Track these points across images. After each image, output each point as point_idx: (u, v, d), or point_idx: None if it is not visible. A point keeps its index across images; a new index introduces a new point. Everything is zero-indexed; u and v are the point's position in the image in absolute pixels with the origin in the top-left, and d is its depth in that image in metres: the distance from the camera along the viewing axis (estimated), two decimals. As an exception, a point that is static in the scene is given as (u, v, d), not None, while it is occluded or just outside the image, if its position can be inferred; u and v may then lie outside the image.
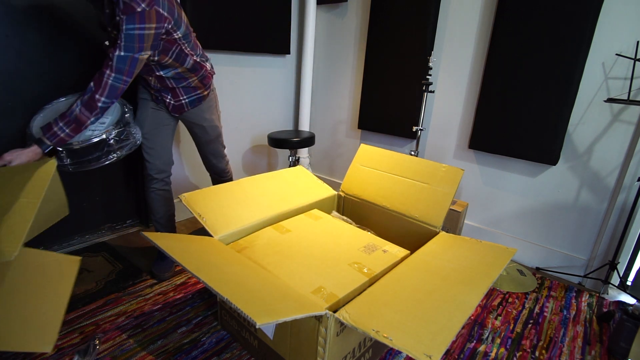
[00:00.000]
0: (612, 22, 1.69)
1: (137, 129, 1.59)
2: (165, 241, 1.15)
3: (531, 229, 2.08)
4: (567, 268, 1.99)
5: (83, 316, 1.46)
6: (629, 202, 1.76)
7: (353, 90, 2.68)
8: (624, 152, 1.75)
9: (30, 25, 1.62)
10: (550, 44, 1.78)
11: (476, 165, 2.21)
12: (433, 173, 1.60)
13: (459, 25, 2.12)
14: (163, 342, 1.36)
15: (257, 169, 2.85)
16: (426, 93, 2.04)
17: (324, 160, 3.02)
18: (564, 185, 1.93)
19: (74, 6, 1.72)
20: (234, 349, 1.36)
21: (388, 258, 1.34)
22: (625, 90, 1.69)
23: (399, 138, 2.51)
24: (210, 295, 1.63)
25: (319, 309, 0.99)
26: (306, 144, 2.27)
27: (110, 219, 2.12)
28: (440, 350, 0.84)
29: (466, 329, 1.53)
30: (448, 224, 2.02)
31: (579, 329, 1.59)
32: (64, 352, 1.28)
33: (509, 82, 1.94)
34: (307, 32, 2.64)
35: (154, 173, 1.70)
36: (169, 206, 1.80)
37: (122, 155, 1.51)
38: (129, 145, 1.53)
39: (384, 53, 2.36)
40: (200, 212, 1.41)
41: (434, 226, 1.52)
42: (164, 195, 1.76)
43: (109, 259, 1.85)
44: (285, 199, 1.68)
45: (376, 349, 1.31)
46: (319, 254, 1.34)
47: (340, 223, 1.61)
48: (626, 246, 1.79)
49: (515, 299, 1.76)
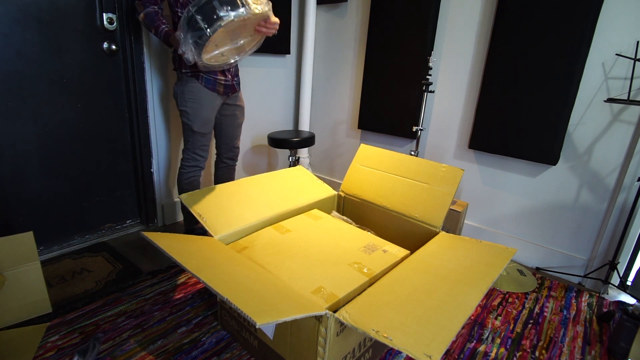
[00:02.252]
0: (612, 22, 1.69)
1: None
2: (165, 241, 1.15)
3: (531, 229, 2.08)
4: (567, 268, 1.99)
5: (83, 316, 1.46)
6: (629, 202, 1.77)
7: (353, 90, 2.68)
8: (624, 152, 1.75)
9: (30, 25, 1.62)
10: (550, 44, 1.78)
11: (476, 165, 2.21)
12: (433, 173, 1.60)
13: (459, 25, 2.12)
14: (163, 342, 1.36)
15: (257, 169, 2.85)
16: (426, 93, 2.04)
17: (324, 160, 3.02)
18: (564, 185, 1.93)
19: (74, 6, 1.72)
20: (234, 349, 1.36)
21: (388, 258, 1.34)
22: (625, 90, 1.69)
23: (399, 138, 2.51)
24: (210, 295, 1.63)
25: (319, 309, 0.99)
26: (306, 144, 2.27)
27: (110, 219, 2.12)
28: (440, 350, 0.84)
29: (466, 329, 1.53)
30: (448, 224, 2.02)
31: (579, 329, 1.59)
32: (64, 352, 1.28)
33: (509, 82, 1.94)
34: (307, 32, 2.64)
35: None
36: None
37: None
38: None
39: (384, 53, 2.36)
40: (200, 212, 1.41)
41: (434, 226, 1.52)
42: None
43: (109, 259, 1.85)
44: (285, 199, 1.68)
45: (376, 349, 1.31)
46: (319, 254, 1.34)
47: (340, 223, 1.61)
48: (626, 246, 1.79)
49: (515, 299, 1.76)
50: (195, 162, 1.82)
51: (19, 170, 1.71)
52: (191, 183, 1.85)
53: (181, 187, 1.85)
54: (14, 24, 1.57)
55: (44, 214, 1.85)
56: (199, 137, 1.78)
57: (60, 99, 1.77)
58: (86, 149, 1.92)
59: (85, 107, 1.87)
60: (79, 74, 1.81)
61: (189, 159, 1.82)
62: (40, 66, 1.68)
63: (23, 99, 1.66)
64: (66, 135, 1.83)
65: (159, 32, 1.60)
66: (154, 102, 2.05)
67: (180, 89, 1.71)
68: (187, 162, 1.82)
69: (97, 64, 1.86)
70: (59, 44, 1.71)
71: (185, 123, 1.76)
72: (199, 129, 1.75)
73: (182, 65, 1.67)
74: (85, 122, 1.88)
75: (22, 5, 1.58)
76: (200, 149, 1.80)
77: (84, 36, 1.78)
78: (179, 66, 1.69)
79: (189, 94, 1.69)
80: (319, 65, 2.84)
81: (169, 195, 2.27)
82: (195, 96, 1.70)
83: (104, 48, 1.86)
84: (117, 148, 2.04)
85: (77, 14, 1.74)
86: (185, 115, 1.74)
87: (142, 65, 1.95)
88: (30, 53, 1.64)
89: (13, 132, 1.66)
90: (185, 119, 1.75)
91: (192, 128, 1.75)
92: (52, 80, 1.73)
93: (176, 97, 1.74)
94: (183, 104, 1.72)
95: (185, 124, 1.77)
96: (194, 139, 1.78)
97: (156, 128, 2.10)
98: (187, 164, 1.82)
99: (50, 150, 1.79)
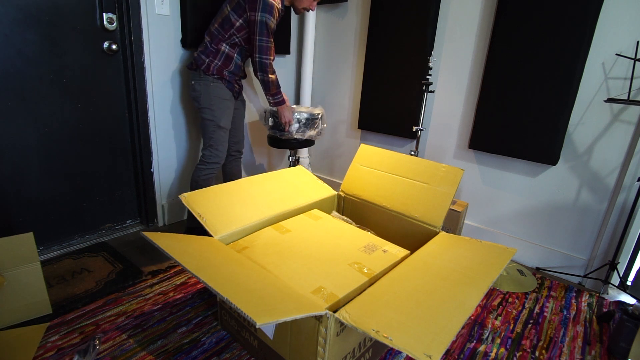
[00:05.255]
0: (612, 22, 1.69)
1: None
2: (165, 241, 1.15)
3: (531, 229, 2.08)
4: (567, 268, 1.99)
5: (83, 316, 1.46)
6: (629, 202, 1.77)
7: (353, 90, 2.68)
8: (624, 152, 1.75)
9: (30, 25, 1.62)
10: (550, 44, 1.78)
11: (476, 165, 2.21)
12: (433, 173, 1.60)
13: (459, 25, 2.12)
14: (163, 342, 1.36)
15: (257, 169, 2.86)
16: (426, 93, 2.04)
17: (324, 160, 3.02)
18: (564, 185, 1.93)
19: (74, 6, 1.72)
20: (234, 349, 1.36)
21: (388, 258, 1.34)
22: (625, 90, 1.69)
23: (399, 138, 2.51)
24: (210, 295, 1.64)
25: (319, 309, 0.99)
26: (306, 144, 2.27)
27: (110, 219, 2.12)
28: (440, 350, 0.84)
29: (466, 329, 1.53)
30: (448, 224, 2.02)
31: (579, 329, 1.59)
32: (64, 352, 1.28)
33: (509, 82, 1.94)
34: (307, 32, 2.64)
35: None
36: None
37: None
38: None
39: (384, 53, 2.36)
40: (200, 212, 1.41)
41: (434, 226, 1.52)
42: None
43: (109, 259, 1.85)
44: (285, 199, 1.68)
45: (376, 349, 1.31)
46: (319, 254, 1.34)
47: (340, 223, 1.61)
48: (626, 246, 1.79)
49: (515, 299, 1.76)
50: (217, 158, 1.91)
51: (19, 170, 1.71)
52: (208, 180, 1.92)
53: (197, 183, 1.91)
54: (14, 24, 1.57)
55: (44, 214, 1.85)
56: (223, 132, 1.89)
57: (60, 99, 1.77)
58: (86, 149, 1.92)
59: (85, 107, 1.87)
60: (79, 74, 1.81)
61: (210, 156, 1.89)
62: (40, 66, 1.68)
63: (23, 99, 1.66)
64: (66, 135, 1.83)
65: (278, 95, 1.88)
66: (154, 102, 2.05)
67: (205, 89, 1.83)
68: (208, 158, 1.89)
69: (97, 64, 1.86)
70: (59, 44, 1.71)
71: (210, 120, 1.85)
72: (225, 124, 1.88)
73: (212, 69, 1.81)
74: (85, 122, 1.88)
75: (22, 5, 1.58)
76: (222, 144, 1.91)
77: (84, 36, 1.78)
78: (206, 68, 1.81)
79: (215, 93, 1.83)
80: (319, 66, 2.84)
81: (169, 195, 2.27)
82: (221, 95, 1.85)
83: (104, 48, 1.86)
84: (117, 148, 2.04)
85: (77, 14, 1.74)
86: (210, 113, 1.85)
87: (142, 65, 1.95)
88: (30, 53, 1.64)
89: (13, 132, 1.66)
90: (210, 116, 1.85)
91: (218, 124, 1.86)
92: (52, 80, 1.73)
93: (198, 95, 1.84)
94: (208, 103, 1.84)
95: (209, 121, 1.86)
96: (218, 135, 1.87)
97: (156, 128, 2.10)
98: (209, 160, 1.89)
99: (50, 150, 1.79)
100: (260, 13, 1.62)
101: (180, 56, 2.09)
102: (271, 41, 1.70)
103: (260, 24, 1.64)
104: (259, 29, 1.64)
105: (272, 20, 1.66)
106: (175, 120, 2.18)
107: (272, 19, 1.65)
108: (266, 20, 1.64)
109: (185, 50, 2.10)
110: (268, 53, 1.70)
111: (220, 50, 1.78)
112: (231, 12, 1.73)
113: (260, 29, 1.65)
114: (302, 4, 1.77)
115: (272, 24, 1.67)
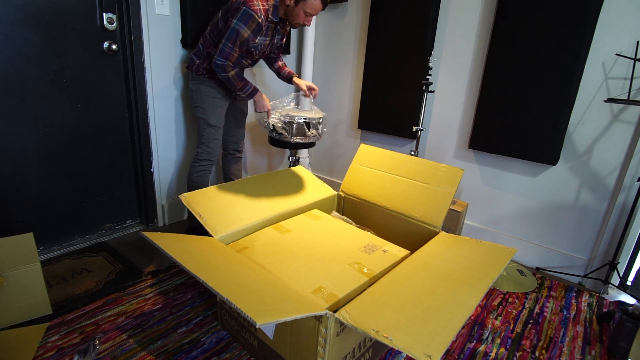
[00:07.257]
0: (612, 22, 1.69)
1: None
2: (165, 241, 1.15)
3: (531, 229, 2.08)
4: (567, 268, 1.99)
5: (83, 316, 1.46)
6: (629, 202, 1.77)
7: (353, 90, 2.68)
8: (624, 152, 1.75)
9: (30, 25, 1.62)
10: (550, 44, 1.78)
11: (476, 165, 2.21)
12: (433, 173, 1.60)
13: (459, 25, 2.12)
14: (163, 342, 1.36)
15: (257, 169, 2.85)
16: (426, 93, 2.04)
17: (324, 160, 3.02)
18: (564, 185, 1.93)
19: (74, 6, 1.72)
20: (234, 349, 1.36)
21: (388, 258, 1.34)
22: (625, 90, 1.69)
23: (399, 138, 2.51)
24: (210, 295, 1.64)
25: (319, 309, 0.99)
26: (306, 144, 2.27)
27: (110, 219, 2.12)
28: (440, 350, 0.84)
29: (466, 329, 1.53)
30: (448, 224, 2.02)
31: (579, 329, 1.59)
32: (64, 352, 1.28)
33: (509, 82, 1.94)
34: (307, 32, 2.64)
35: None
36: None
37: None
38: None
39: (384, 53, 2.36)
40: (200, 212, 1.41)
41: (434, 226, 1.52)
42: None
43: (109, 259, 1.85)
44: (285, 199, 1.68)
45: (376, 349, 1.31)
46: (319, 254, 1.34)
47: (340, 223, 1.61)
48: (626, 246, 1.79)
49: (515, 299, 1.76)
50: (209, 155, 1.94)
51: (19, 170, 1.71)
52: (201, 177, 1.95)
53: (191, 180, 1.96)
54: (14, 24, 1.57)
55: (44, 214, 1.85)
56: (214, 130, 1.91)
57: (60, 99, 1.77)
58: (86, 149, 1.92)
59: (85, 107, 1.87)
60: (79, 74, 1.81)
61: (202, 153, 1.93)
62: (40, 66, 1.68)
63: (23, 99, 1.66)
64: (66, 135, 1.83)
65: (247, 87, 1.83)
66: (154, 102, 2.05)
67: (197, 88, 1.87)
68: (200, 155, 1.94)
69: (97, 64, 1.86)
70: (59, 44, 1.71)
71: (202, 118, 1.90)
72: (215, 122, 1.90)
73: (201, 70, 1.84)
74: (85, 122, 1.88)
75: (22, 5, 1.58)
76: (213, 142, 1.93)
77: (84, 36, 1.78)
78: (196, 69, 1.85)
79: (206, 91, 1.86)
80: (319, 65, 2.84)
81: (169, 195, 2.27)
82: (212, 94, 1.87)
83: (104, 48, 1.86)
84: (117, 148, 2.04)
85: (77, 14, 1.74)
86: (201, 111, 1.88)
87: (142, 65, 1.95)
88: (30, 53, 1.64)
89: (13, 132, 1.66)
90: (201, 114, 1.89)
91: (208, 122, 1.89)
92: (52, 80, 1.73)
93: (192, 94, 1.89)
94: (199, 101, 1.88)
95: (201, 119, 1.90)
96: (208, 133, 1.91)
97: (156, 128, 2.10)
98: (201, 157, 1.94)
99: (50, 150, 1.79)
100: (236, 21, 1.64)
101: (180, 56, 2.09)
102: (236, 50, 1.69)
103: (232, 30, 1.65)
104: (228, 33, 1.65)
105: (246, 30, 1.66)
106: (175, 120, 2.18)
107: (245, 29, 1.66)
108: (238, 28, 1.65)
109: (185, 50, 2.10)
110: (227, 58, 1.69)
111: (210, 54, 1.81)
112: (220, 19, 1.76)
113: (230, 34, 1.65)
114: (296, 19, 1.77)
115: (244, 34, 1.66)
